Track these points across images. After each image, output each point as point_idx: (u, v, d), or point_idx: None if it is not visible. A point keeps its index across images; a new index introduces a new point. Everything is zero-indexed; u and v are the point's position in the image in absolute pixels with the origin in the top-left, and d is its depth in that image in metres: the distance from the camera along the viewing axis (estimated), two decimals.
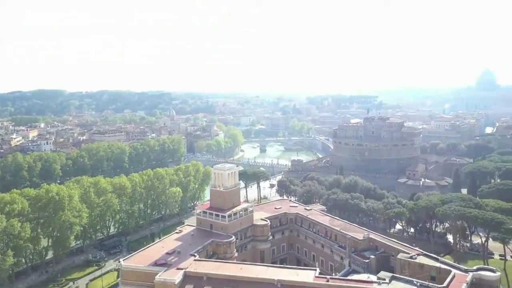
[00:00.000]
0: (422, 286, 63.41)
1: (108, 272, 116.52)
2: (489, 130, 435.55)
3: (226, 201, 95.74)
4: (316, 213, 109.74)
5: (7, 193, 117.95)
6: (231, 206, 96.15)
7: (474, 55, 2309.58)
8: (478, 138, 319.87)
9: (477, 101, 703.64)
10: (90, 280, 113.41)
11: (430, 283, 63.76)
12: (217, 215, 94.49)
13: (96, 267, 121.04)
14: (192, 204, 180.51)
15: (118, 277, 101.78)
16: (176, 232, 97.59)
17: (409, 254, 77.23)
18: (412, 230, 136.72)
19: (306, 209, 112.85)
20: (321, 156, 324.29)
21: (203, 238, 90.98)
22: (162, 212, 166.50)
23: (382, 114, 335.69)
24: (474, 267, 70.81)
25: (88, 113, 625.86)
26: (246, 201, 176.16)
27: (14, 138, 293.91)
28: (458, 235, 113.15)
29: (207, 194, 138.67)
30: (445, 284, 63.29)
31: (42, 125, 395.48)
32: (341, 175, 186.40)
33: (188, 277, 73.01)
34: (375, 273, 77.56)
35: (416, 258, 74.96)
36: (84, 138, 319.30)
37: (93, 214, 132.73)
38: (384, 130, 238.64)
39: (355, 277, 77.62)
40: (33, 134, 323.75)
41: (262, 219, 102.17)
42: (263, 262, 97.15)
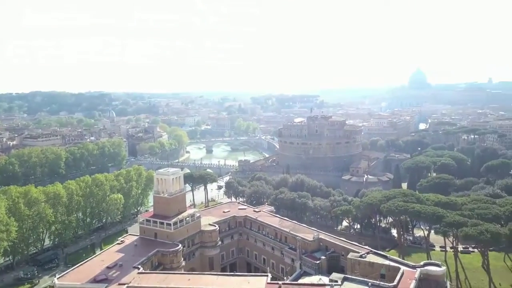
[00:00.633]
0: (373, 285, 63.16)
1: None
2: (422, 126, 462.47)
3: (171, 207, 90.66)
4: (265, 214, 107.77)
5: None
6: (177, 213, 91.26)
7: (406, 56, 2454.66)
8: (413, 134, 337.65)
9: (410, 99, 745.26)
10: None
11: (381, 283, 63.69)
12: (161, 223, 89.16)
13: (28, 286, 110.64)
14: (135, 210, 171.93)
15: None
16: (117, 243, 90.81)
17: (358, 253, 77.24)
18: (358, 226, 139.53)
19: (255, 211, 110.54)
20: (267, 155, 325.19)
21: (148, 248, 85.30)
22: (103, 220, 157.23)
23: (324, 113, 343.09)
24: (421, 263, 72.07)
25: (19, 116, 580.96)
26: (193, 204, 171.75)
27: None
28: (401, 230, 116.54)
29: (151, 199, 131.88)
30: (395, 282, 63.49)
31: None
32: (287, 174, 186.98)
33: None
34: (327, 274, 76.92)
35: (365, 257, 75.02)
36: (14, 143, 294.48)
37: (23, 227, 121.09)
38: (327, 128, 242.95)
39: (307, 280, 76.38)
40: None
41: (210, 224, 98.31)
42: (212, 269, 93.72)
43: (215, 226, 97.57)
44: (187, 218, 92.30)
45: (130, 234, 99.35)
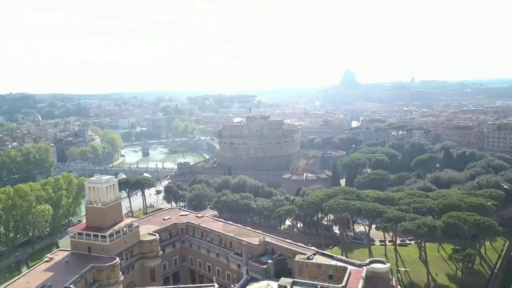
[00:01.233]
0: None
1: None
2: (355, 124, 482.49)
3: (105, 218, 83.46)
4: (208, 219, 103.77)
5: None
6: (112, 224, 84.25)
7: (337, 57, 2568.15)
8: (347, 131, 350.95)
9: (342, 98, 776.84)
10: None
11: (330, 284, 62.97)
12: (96, 236, 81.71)
13: None
14: (66, 221, 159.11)
15: None
16: (45, 260, 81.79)
17: (305, 254, 76.33)
18: (301, 225, 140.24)
19: (197, 216, 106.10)
20: (207, 156, 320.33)
21: (81, 265, 77.55)
22: (30, 234, 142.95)
23: (262, 112, 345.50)
24: (367, 261, 72.73)
25: None
26: (131, 212, 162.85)
27: None
28: (343, 227, 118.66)
29: (84, 208, 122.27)
30: (343, 283, 63.08)
31: None
32: (229, 176, 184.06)
33: None
34: (274, 278, 75.13)
35: (312, 258, 74.20)
36: None
37: None
38: (266, 128, 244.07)
39: (255, 286, 74.02)
40: None
41: (149, 234, 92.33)
42: (154, 281, 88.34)
43: (155, 235, 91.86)
44: (124, 229, 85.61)
45: (60, 250, 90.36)
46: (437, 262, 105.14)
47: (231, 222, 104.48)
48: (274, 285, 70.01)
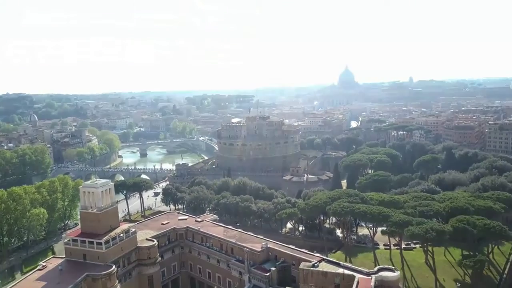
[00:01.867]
0: None
1: None
2: (354, 124, 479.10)
3: (101, 224, 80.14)
4: (208, 224, 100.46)
5: None
6: (108, 230, 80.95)
7: (335, 56, 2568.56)
8: (347, 132, 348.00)
9: (340, 97, 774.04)
10: None
11: None
12: (91, 243, 78.35)
13: None
14: (62, 224, 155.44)
15: None
16: (38, 268, 78.49)
17: (310, 261, 73.16)
18: (302, 228, 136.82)
19: (197, 221, 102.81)
20: (206, 157, 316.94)
21: (75, 273, 74.26)
22: (24, 238, 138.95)
23: (261, 113, 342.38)
24: (375, 269, 69.65)
25: None
26: (128, 215, 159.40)
27: None
28: (346, 230, 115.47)
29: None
30: None
31: None
32: (229, 177, 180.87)
33: None
34: (278, 286, 72.10)
35: (318, 266, 71.10)
36: None
37: None
38: (265, 129, 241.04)
39: None
40: None
41: (147, 239, 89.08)
42: None
43: (154, 240, 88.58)
44: (121, 235, 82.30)
45: (54, 257, 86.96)
46: (444, 267, 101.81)
47: (232, 227, 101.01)
48: None
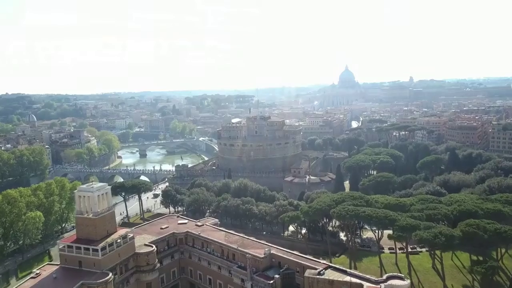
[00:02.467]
0: None
1: None
2: (354, 124, 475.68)
3: (97, 230, 76.98)
4: (209, 229, 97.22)
5: None
6: (105, 235, 77.83)
7: (335, 56, 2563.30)
8: (348, 132, 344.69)
9: (340, 97, 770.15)
10: None
11: None
12: (87, 249, 75.22)
13: None
14: (59, 227, 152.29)
15: None
16: (32, 276, 75.34)
17: (315, 269, 70.07)
18: (305, 231, 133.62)
19: (197, 225, 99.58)
20: (206, 158, 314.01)
21: (70, 281, 71.24)
22: (20, 242, 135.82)
23: (261, 113, 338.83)
24: (384, 276, 66.49)
25: None
26: (127, 217, 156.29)
27: None
28: (350, 234, 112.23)
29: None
30: None
31: None
32: (229, 179, 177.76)
33: None
34: None
35: (324, 274, 68.08)
36: None
37: None
38: (266, 129, 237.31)
39: None
40: None
41: (146, 245, 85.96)
42: None
43: (152, 246, 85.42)
44: (118, 241, 79.15)
45: (48, 264, 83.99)
46: (451, 272, 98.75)
47: (233, 232, 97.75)
48: None
